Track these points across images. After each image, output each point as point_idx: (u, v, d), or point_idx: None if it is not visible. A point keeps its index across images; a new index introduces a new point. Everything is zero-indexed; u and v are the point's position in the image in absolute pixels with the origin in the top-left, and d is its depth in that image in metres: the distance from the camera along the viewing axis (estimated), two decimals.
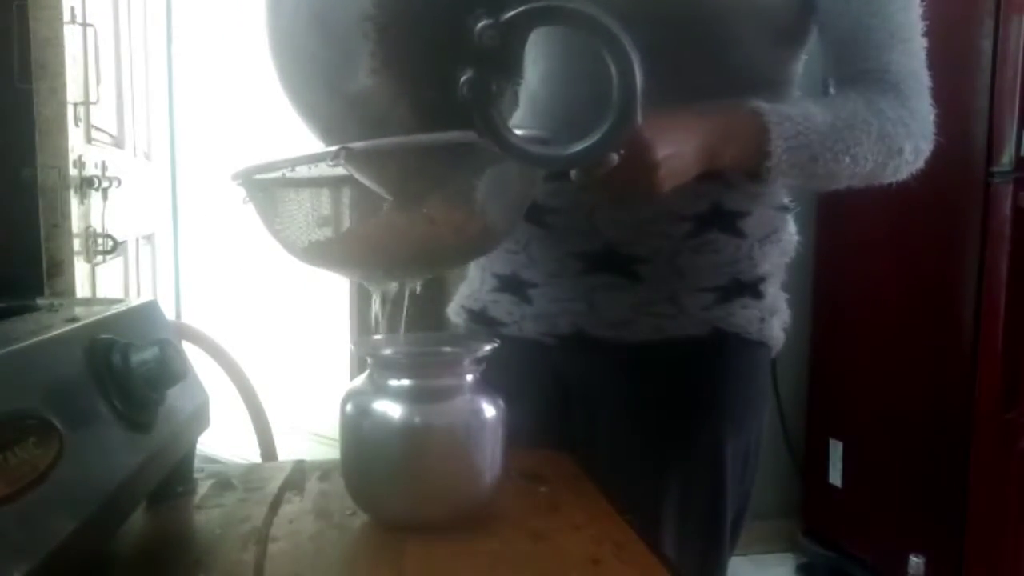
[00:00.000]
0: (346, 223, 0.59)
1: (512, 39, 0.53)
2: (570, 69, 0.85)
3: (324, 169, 0.59)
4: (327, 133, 0.61)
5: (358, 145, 0.54)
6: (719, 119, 0.75)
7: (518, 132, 0.56)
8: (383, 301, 0.65)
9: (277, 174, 0.61)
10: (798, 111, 0.76)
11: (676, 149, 0.70)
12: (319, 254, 0.61)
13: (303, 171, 0.61)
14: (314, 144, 0.62)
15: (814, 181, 0.80)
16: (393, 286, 0.65)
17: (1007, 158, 1.76)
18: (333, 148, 0.53)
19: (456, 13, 0.53)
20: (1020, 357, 1.79)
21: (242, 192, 0.64)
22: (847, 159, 0.77)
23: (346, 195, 0.60)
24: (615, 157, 0.65)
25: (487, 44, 0.53)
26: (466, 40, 0.53)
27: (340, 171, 0.56)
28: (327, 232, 0.59)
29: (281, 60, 0.60)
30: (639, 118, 0.56)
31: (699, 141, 0.72)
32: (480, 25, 0.53)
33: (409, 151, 0.57)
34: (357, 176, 0.58)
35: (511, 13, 0.53)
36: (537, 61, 0.88)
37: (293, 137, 0.65)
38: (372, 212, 0.59)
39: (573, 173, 0.70)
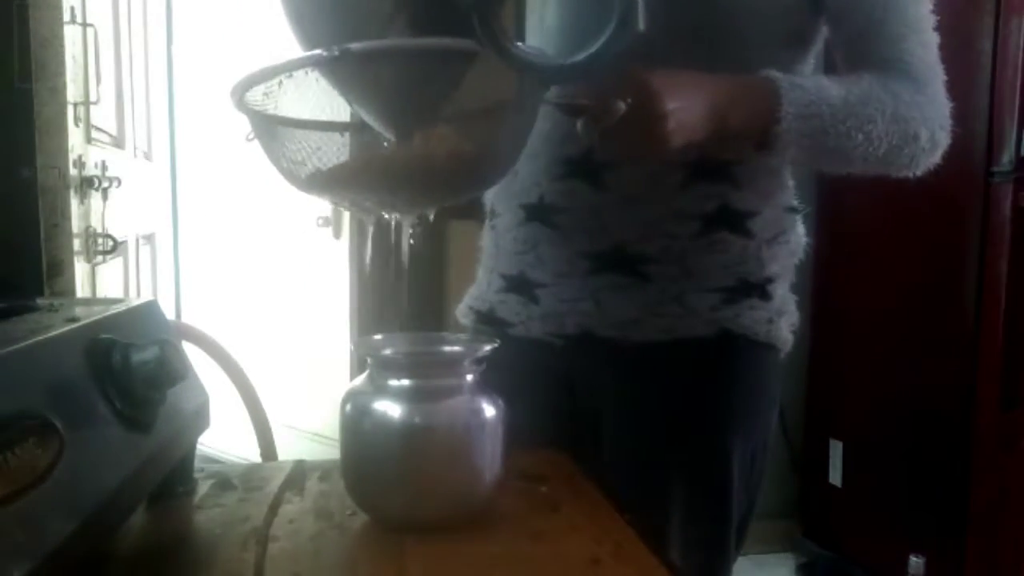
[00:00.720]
0: (346, 154, 0.58)
1: None
2: (589, 10, 0.84)
3: (323, 112, 0.57)
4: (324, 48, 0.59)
5: (357, 45, 0.53)
6: (731, 80, 0.74)
7: (519, 45, 0.56)
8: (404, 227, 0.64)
9: (275, 81, 0.60)
10: (811, 82, 0.75)
11: (685, 102, 0.69)
12: (317, 181, 0.61)
13: (299, 94, 0.59)
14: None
15: (825, 157, 0.79)
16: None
17: (1007, 158, 1.76)
18: (333, 49, 0.52)
19: None
20: (1020, 357, 1.79)
21: (245, 125, 0.63)
22: (860, 136, 0.75)
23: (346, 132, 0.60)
24: (622, 105, 0.64)
25: None
26: None
27: (338, 116, 0.55)
28: (328, 161, 0.58)
29: None
30: (640, 24, 0.55)
31: (709, 97, 0.72)
32: None
33: (407, 56, 0.56)
34: (352, 100, 0.56)
35: None
36: (554, 6, 0.87)
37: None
38: (368, 138, 0.58)
39: (579, 126, 0.69)
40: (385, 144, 0.60)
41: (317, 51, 0.55)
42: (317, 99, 0.62)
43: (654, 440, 0.86)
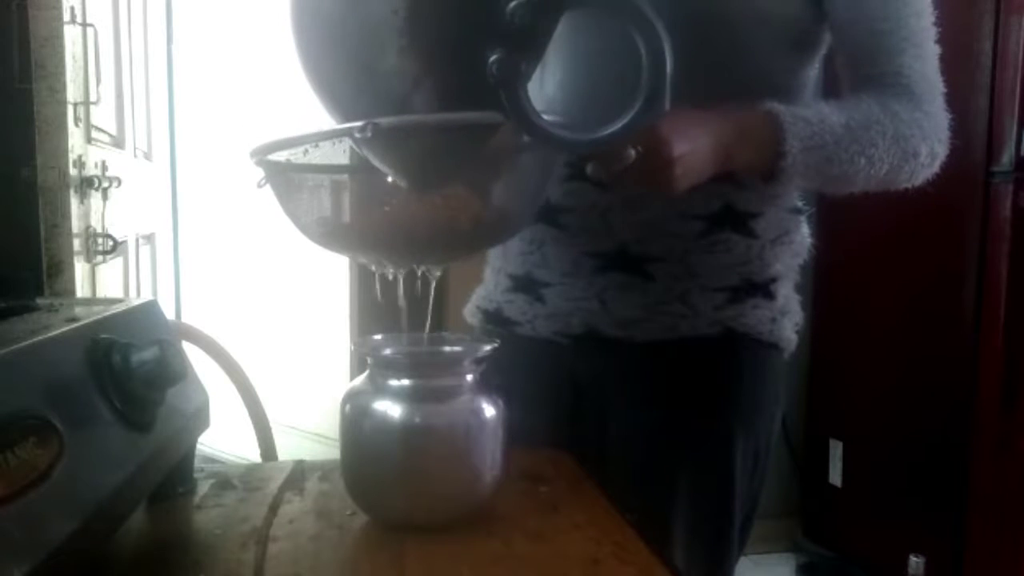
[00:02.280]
0: (363, 208, 0.58)
1: (543, 20, 0.53)
2: (589, 76, 0.85)
3: (342, 157, 0.58)
4: (348, 115, 0.59)
5: (385, 120, 0.53)
6: (735, 119, 0.75)
7: (544, 116, 0.56)
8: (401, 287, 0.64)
9: (299, 150, 0.61)
10: (813, 113, 0.76)
11: (692, 146, 0.70)
12: (335, 238, 0.61)
13: (322, 155, 0.60)
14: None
15: (829, 183, 0.80)
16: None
17: (1007, 158, 1.76)
18: (359, 123, 0.52)
19: None
20: (1020, 357, 1.79)
21: (258, 173, 0.63)
22: (862, 160, 0.76)
23: (364, 181, 0.60)
24: (632, 153, 0.65)
25: (518, 24, 0.52)
26: (496, 20, 0.52)
27: (357, 160, 0.55)
28: (344, 216, 0.58)
29: (304, 38, 0.59)
30: (667, 104, 0.55)
31: (715, 140, 0.72)
32: (512, 4, 0.52)
33: (434, 130, 0.57)
34: (376, 161, 0.57)
35: None
36: (555, 72, 0.88)
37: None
38: (390, 197, 0.59)
39: (589, 168, 0.70)
40: (400, 192, 0.60)
41: (346, 125, 0.55)
42: (339, 158, 0.63)
43: (658, 438, 0.86)
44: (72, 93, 1.56)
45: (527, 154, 0.62)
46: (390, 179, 0.58)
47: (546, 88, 0.89)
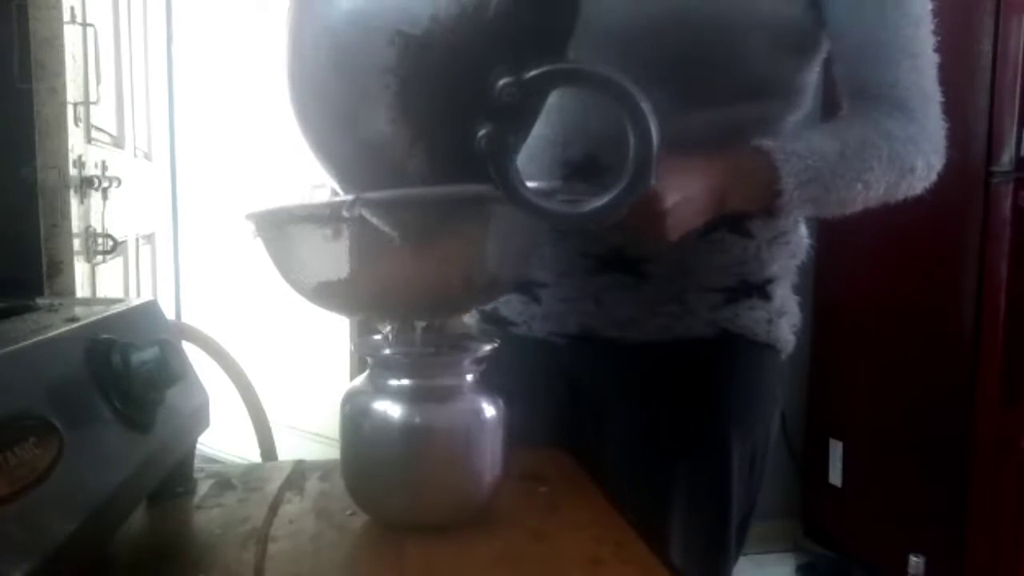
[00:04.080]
0: (355, 265, 0.60)
1: (532, 98, 0.54)
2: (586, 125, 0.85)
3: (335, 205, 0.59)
4: (342, 176, 0.61)
5: (372, 195, 0.55)
6: (726, 163, 0.75)
7: (531, 185, 0.57)
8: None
9: (292, 222, 0.62)
10: (803, 145, 0.76)
11: (684, 195, 0.70)
12: (327, 295, 0.62)
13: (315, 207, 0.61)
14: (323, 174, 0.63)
15: (828, 209, 0.80)
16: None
17: (1007, 158, 1.76)
18: (348, 197, 0.54)
19: (477, 70, 0.53)
20: (1020, 357, 1.79)
21: (251, 228, 0.65)
22: (859, 185, 0.77)
23: (356, 237, 0.61)
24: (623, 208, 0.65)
25: (507, 101, 0.53)
26: (486, 96, 0.53)
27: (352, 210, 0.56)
28: (335, 272, 0.60)
29: (300, 102, 0.60)
30: (653, 180, 0.56)
31: (707, 186, 0.72)
32: (501, 83, 0.53)
33: (423, 203, 0.58)
34: (370, 219, 0.58)
35: (533, 72, 0.53)
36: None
37: (293, 138, 0.64)
38: (381, 255, 0.60)
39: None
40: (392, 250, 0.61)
41: (335, 200, 0.57)
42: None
43: (654, 438, 0.86)
44: (72, 93, 1.55)
45: (517, 218, 0.63)
46: (382, 232, 0.59)
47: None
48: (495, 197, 0.56)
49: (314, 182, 2.61)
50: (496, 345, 0.66)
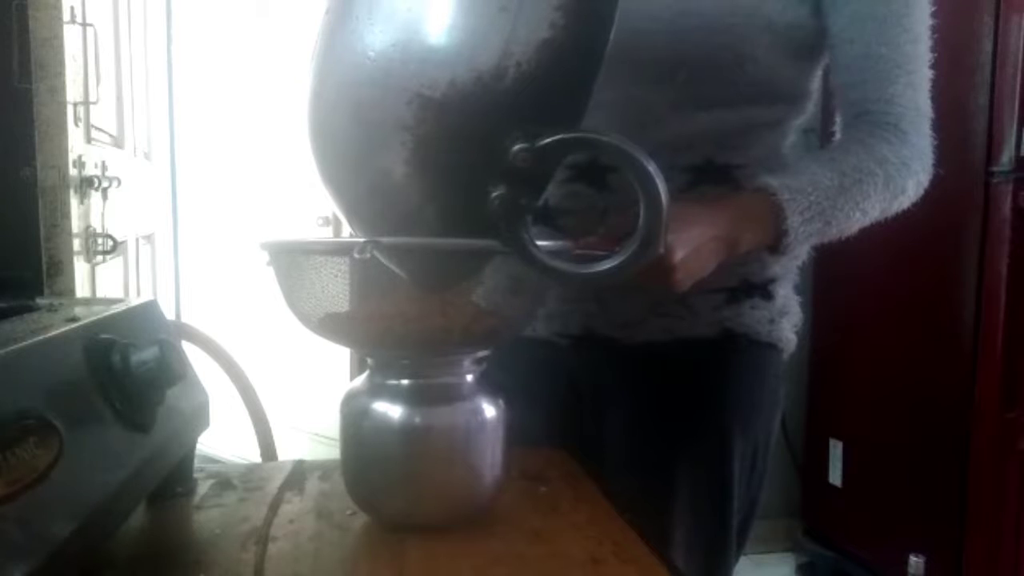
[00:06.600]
0: (359, 303, 0.61)
1: (545, 163, 0.55)
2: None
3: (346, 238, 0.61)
4: (352, 214, 0.63)
5: (385, 240, 0.56)
6: (732, 208, 0.75)
7: (541, 244, 0.58)
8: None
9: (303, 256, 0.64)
10: (806, 180, 0.76)
11: (693, 247, 0.70)
12: (332, 327, 0.63)
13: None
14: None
15: (827, 238, 0.81)
16: None
17: (1007, 158, 1.76)
18: (361, 240, 0.55)
19: (492, 134, 0.54)
20: (1020, 357, 1.79)
21: (265, 256, 0.67)
22: (857, 213, 0.78)
23: (363, 277, 0.62)
24: None
25: (520, 166, 0.54)
26: (500, 159, 0.54)
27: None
28: (340, 307, 0.61)
29: (317, 142, 0.61)
30: (662, 248, 0.57)
31: (715, 235, 0.72)
32: (516, 148, 0.54)
33: (434, 252, 0.60)
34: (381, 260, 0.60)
35: (547, 140, 0.54)
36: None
37: (292, 141, 0.65)
38: (388, 293, 0.62)
39: None
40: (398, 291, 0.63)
41: (348, 240, 0.59)
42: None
43: (656, 439, 0.86)
44: (72, 93, 1.55)
45: (524, 275, 0.64)
46: (390, 272, 0.61)
47: None
48: (505, 251, 0.57)
49: (320, 215, 2.62)
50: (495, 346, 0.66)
